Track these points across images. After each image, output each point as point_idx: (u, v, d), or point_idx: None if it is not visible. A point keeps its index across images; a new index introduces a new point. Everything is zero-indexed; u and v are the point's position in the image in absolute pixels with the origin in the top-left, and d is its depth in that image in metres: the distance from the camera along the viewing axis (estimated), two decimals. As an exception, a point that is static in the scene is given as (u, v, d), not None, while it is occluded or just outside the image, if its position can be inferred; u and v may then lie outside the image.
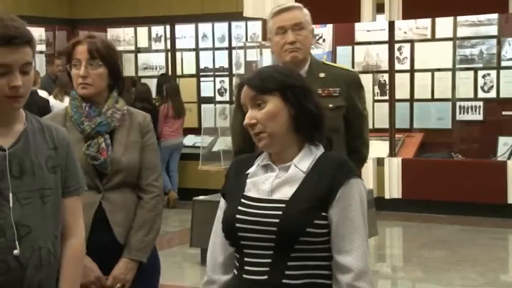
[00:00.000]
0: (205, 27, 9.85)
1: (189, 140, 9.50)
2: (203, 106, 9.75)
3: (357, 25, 9.07)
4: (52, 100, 7.90)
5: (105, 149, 2.66)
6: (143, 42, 10.32)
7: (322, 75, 3.06)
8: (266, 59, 8.65)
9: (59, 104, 7.87)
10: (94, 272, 2.65)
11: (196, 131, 9.48)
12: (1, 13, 1.97)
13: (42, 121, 2.11)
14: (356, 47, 9.23)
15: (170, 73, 9.83)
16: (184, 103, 8.99)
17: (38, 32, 10.01)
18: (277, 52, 3.04)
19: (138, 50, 10.22)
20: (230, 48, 9.70)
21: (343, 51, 9.24)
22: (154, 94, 9.23)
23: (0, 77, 1.91)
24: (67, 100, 8.00)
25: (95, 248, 2.63)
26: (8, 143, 1.99)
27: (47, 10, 9.59)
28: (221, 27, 9.80)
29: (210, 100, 9.82)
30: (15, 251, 1.95)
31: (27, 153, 2.01)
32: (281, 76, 1.97)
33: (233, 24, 9.63)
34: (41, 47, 10.10)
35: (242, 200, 1.99)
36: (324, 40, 9.18)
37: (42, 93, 7.92)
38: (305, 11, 3.07)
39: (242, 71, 9.02)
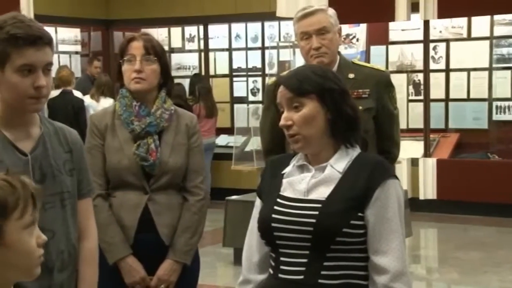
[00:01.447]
0: (238, 27, 9.86)
1: (222, 140, 9.52)
2: (235, 106, 9.77)
3: (391, 24, 8.98)
4: (88, 100, 8.01)
5: (155, 150, 2.66)
6: (176, 42, 10.38)
7: (351, 75, 3.02)
8: (299, 59, 8.62)
9: (95, 104, 7.96)
10: (139, 273, 2.66)
11: (229, 131, 9.49)
12: (19, 15, 1.97)
13: (54, 124, 2.12)
14: (390, 46, 9.14)
15: (203, 73, 9.87)
16: (216, 103, 9.02)
17: (73, 33, 10.14)
18: (303, 56, 3.02)
19: (171, 50, 10.27)
20: (263, 48, 9.70)
21: (377, 51, 9.16)
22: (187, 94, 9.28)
23: (24, 78, 1.92)
24: (102, 100, 8.13)
25: (141, 248, 2.65)
26: (29, 148, 2.00)
27: (83, 11, 9.69)
28: (254, 27, 9.80)
29: (243, 100, 9.83)
30: None
31: (47, 157, 2.02)
32: (318, 78, 1.96)
33: (266, 24, 9.62)
34: (76, 47, 10.23)
35: (278, 200, 1.98)
36: (357, 40, 9.12)
37: (77, 93, 8.01)
38: (330, 12, 3.01)
39: (275, 71, 9.00)
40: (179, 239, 2.68)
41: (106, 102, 7.87)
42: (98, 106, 7.82)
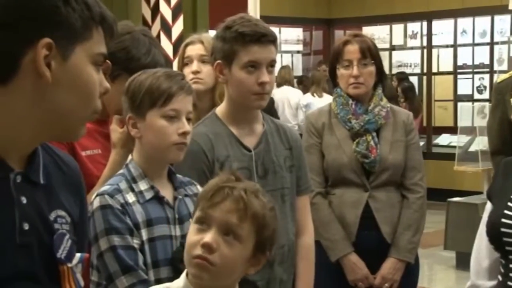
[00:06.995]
0: (464, 22, 9.51)
1: (444, 139, 9.27)
2: (459, 104, 9.43)
3: None
4: (309, 98, 8.23)
5: (374, 147, 2.67)
6: (398, 40, 10.27)
7: None
8: (532, 54, 8.07)
9: (318, 101, 8.13)
10: (362, 270, 2.67)
11: (451, 130, 9.19)
12: (247, 16, 2.10)
13: (275, 121, 2.20)
14: None
15: (425, 70, 9.71)
16: (437, 101, 8.82)
17: (296, 32, 10.48)
18: None
19: (392, 48, 10.20)
20: (491, 44, 9.28)
21: None
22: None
23: (249, 74, 2.02)
24: (326, 95, 8.28)
25: (362, 246, 2.66)
26: (252, 144, 2.09)
27: (306, 10, 9.96)
28: (482, 22, 9.39)
29: (467, 98, 9.46)
30: None
31: (269, 153, 2.10)
32: None
33: (496, 18, 9.19)
34: (298, 47, 10.55)
35: (509, 204, 1.88)
36: None
37: (295, 91, 8.27)
38: None
39: (504, 67, 8.52)
40: (402, 237, 2.65)
41: (329, 98, 8.01)
42: (321, 101, 7.96)
